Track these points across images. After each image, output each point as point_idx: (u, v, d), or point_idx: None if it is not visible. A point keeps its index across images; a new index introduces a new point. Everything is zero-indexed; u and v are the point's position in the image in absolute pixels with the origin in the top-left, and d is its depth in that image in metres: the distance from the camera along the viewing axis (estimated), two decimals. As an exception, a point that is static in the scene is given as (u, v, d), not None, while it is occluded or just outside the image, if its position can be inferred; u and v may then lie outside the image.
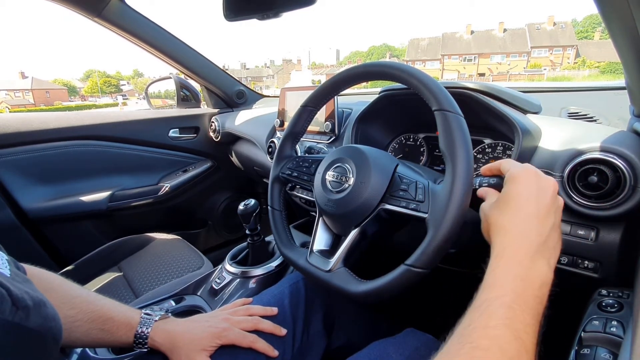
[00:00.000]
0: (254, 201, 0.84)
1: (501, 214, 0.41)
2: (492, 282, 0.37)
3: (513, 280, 0.36)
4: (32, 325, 0.33)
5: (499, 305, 0.34)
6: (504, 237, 0.40)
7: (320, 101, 0.67)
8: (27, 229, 1.19)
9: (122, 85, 77.41)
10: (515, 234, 0.39)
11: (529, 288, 0.36)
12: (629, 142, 0.53)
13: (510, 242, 0.39)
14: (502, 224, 0.41)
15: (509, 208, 0.41)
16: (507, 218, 0.41)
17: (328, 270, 0.55)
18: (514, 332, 0.32)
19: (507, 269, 0.37)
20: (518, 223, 0.40)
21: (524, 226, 0.40)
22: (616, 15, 0.40)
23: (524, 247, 0.38)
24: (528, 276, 0.36)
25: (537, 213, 0.40)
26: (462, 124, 0.46)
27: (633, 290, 0.47)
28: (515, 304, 0.34)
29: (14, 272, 0.37)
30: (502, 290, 0.35)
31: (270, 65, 76.76)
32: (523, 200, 0.41)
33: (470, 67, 47.72)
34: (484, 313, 0.34)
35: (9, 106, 43.64)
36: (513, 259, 0.38)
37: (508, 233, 0.40)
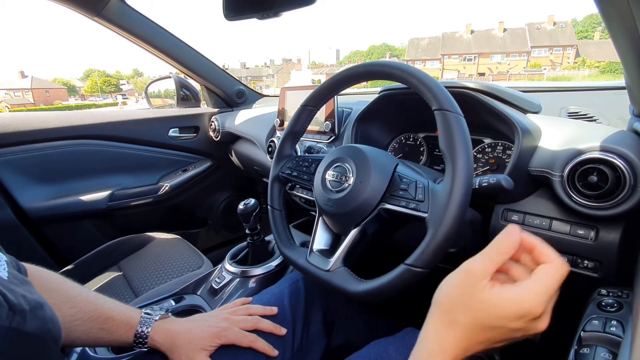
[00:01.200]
0: (253, 201, 0.84)
1: (477, 318, 0.33)
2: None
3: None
4: (29, 329, 0.33)
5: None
6: (452, 331, 0.34)
7: (320, 101, 0.67)
8: (27, 228, 1.19)
9: (122, 84, 77.37)
10: (467, 342, 0.34)
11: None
12: (628, 142, 0.53)
13: (452, 345, 0.34)
14: (468, 327, 0.33)
15: (492, 316, 0.33)
16: (477, 328, 0.33)
17: (328, 270, 0.55)
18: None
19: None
20: (481, 336, 0.34)
21: (482, 341, 0.34)
22: (616, 14, 0.40)
23: (462, 355, 0.34)
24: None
25: (506, 335, 0.34)
26: (462, 123, 0.46)
27: (633, 290, 0.47)
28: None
29: (12, 274, 0.37)
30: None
31: (270, 64, 76.73)
32: (510, 320, 0.32)
33: (470, 67, 47.70)
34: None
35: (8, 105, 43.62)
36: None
37: (462, 339, 0.34)
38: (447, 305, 0.35)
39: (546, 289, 0.32)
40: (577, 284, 0.61)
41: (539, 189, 0.62)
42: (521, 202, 0.63)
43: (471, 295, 0.33)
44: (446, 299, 0.35)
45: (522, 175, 0.60)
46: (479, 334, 0.33)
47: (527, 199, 0.63)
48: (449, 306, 0.35)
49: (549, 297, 0.33)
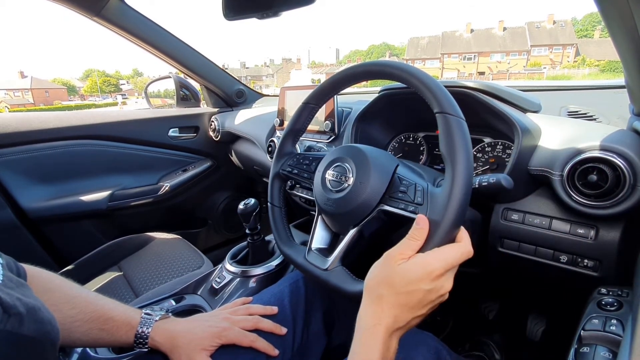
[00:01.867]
0: (253, 200, 0.84)
1: (393, 289, 0.39)
2: (356, 353, 0.39)
3: (380, 355, 0.38)
4: (26, 332, 0.33)
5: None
6: (381, 310, 0.39)
7: (321, 99, 0.67)
8: (27, 228, 1.19)
9: (122, 84, 77.30)
10: (395, 313, 0.39)
11: (391, 357, 0.39)
12: (628, 141, 0.53)
13: (382, 318, 0.39)
14: (390, 298, 0.40)
15: (405, 282, 0.39)
16: (396, 297, 0.39)
17: (325, 269, 0.55)
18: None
19: (376, 344, 0.38)
20: (404, 305, 0.39)
21: (407, 310, 0.40)
22: (616, 13, 0.40)
23: (393, 327, 0.39)
24: (390, 348, 0.39)
25: (422, 299, 0.40)
26: (463, 127, 0.46)
27: (632, 289, 0.47)
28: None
29: (7, 276, 0.37)
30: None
31: (270, 64, 76.65)
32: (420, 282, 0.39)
33: (470, 66, 47.67)
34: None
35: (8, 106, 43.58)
36: (379, 337, 0.39)
37: (390, 309, 0.39)
38: (373, 284, 0.41)
39: (444, 256, 0.40)
40: (577, 283, 0.61)
41: (539, 188, 0.62)
42: (521, 201, 0.63)
43: (389, 272, 0.40)
44: (372, 280, 0.42)
45: (522, 174, 0.60)
46: (402, 301, 0.39)
47: (527, 198, 0.63)
48: (374, 285, 0.41)
49: (447, 264, 0.40)
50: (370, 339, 0.39)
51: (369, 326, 0.39)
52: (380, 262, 0.42)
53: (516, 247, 0.64)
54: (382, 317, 0.39)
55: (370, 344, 0.38)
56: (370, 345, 0.38)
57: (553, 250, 0.60)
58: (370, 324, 0.40)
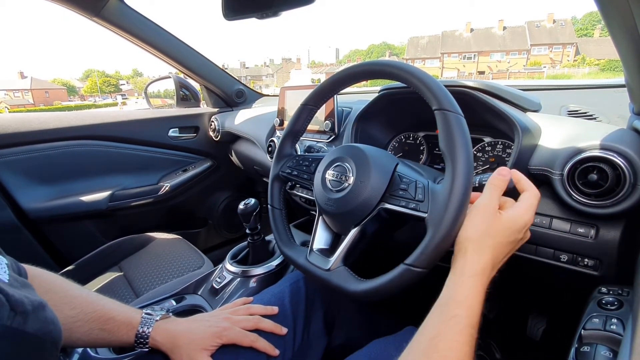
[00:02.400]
0: (254, 200, 0.84)
1: (501, 240, 0.44)
2: (464, 299, 0.40)
3: (480, 303, 0.40)
4: (30, 329, 0.33)
5: (467, 324, 0.38)
6: (488, 259, 0.42)
7: (320, 100, 0.67)
8: (28, 229, 1.19)
9: (122, 84, 77.27)
10: (494, 259, 0.43)
11: (482, 309, 0.41)
12: (628, 140, 0.53)
13: (487, 264, 0.42)
14: (497, 249, 0.43)
15: (509, 233, 0.44)
16: (503, 247, 0.44)
17: (328, 269, 0.55)
18: (472, 349, 0.38)
19: (479, 292, 0.41)
20: (502, 251, 0.44)
21: (503, 255, 0.44)
22: (616, 12, 0.40)
23: (492, 272, 0.43)
24: (483, 300, 0.42)
25: (514, 245, 0.46)
26: (463, 123, 0.46)
27: (633, 288, 0.47)
28: (477, 325, 0.39)
29: (12, 276, 0.37)
30: (472, 311, 0.39)
31: (270, 64, 76.62)
32: (518, 232, 0.45)
33: (470, 65, 47.64)
34: (454, 328, 0.38)
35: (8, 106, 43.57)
36: (484, 282, 0.42)
37: (494, 259, 0.43)
38: (477, 236, 0.43)
39: (530, 206, 0.46)
40: (578, 282, 0.61)
41: (539, 188, 0.62)
42: (521, 201, 0.63)
43: (492, 224, 0.44)
44: (475, 233, 0.43)
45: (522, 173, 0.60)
46: (502, 251, 0.44)
47: (527, 198, 0.63)
48: (478, 237, 0.43)
49: (533, 212, 0.46)
50: (476, 285, 0.41)
51: (474, 272, 0.42)
52: (476, 217, 0.44)
53: (516, 246, 0.64)
54: (486, 266, 0.42)
55: (475, 290, 0.41)
56: (475, 290, 0.41)
57: (553, 250, 0.60)
58: (476, 270, 0.42)
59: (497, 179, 0.46)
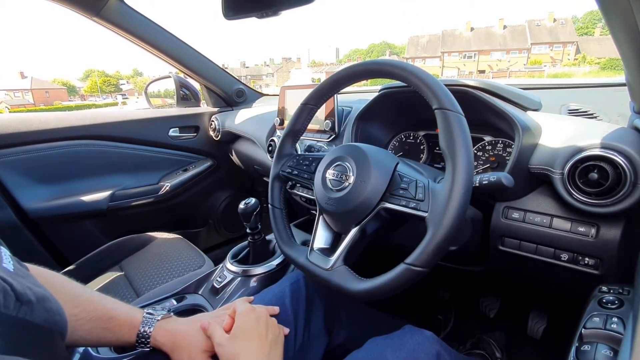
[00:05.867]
0: (254, 200, 0.84)
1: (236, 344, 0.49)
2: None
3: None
4: (37, 320, 0.33)
5: None
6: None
7: (321, 99, 0.67)
8: (28, 229, 1.19)
9: (122, 84, 77.24)
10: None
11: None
12: (629, 139, 0.52)
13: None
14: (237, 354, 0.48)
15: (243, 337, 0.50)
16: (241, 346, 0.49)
17: (328, 269, 0.55)
18: None
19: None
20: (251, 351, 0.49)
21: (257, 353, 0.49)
22: (616, 11, 0.40)
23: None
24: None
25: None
26: (463, 122, 0.46)
27: (633, 287, 0.47)
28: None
29: (17, 267, 0.37)
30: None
31: (270, 63, 76.53)
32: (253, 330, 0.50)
33: (470, 64, 47.57)
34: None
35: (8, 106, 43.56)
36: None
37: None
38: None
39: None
40: (578, 281, 0.61)
41: (539, 187, 0.62)
42: (522, 200, 0.63)
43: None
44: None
45: (522, 172, 0.60)
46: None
47: (527, 197, 0.63)
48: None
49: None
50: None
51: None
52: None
53: (517, 245, 0.64)
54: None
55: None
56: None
57: (554, 249, 0.60)
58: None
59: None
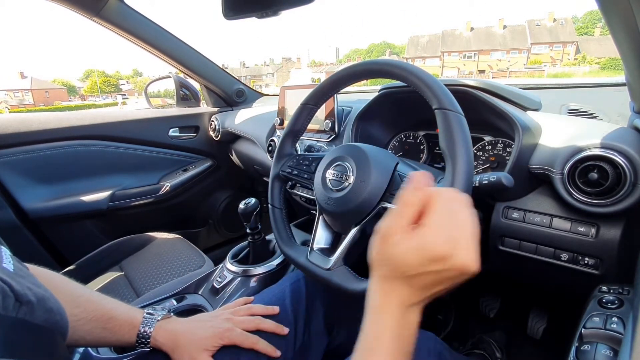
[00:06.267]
0: (254, 200, 0.84)
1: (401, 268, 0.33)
2: (368, 335, 0.36)
3: (389, 340, 0.34)
4: (37, 320, 0.33)
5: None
6: (383, 287, 0.35)
7: (321, 99, 0.67)
8: (28, 229, 1.19)
9: (122, 84, 77.26)
10: (399, 292, 0.34)
11: (406, 345, 0.35)
12: (629, 139, 0.52)
13: (386, 298, 0.35)
14: (389, 275, 0.34)
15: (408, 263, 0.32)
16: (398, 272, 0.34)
17: (328, 269, 0.55)
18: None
19: (380, 326, 0.35)
20: (411, 285, 0.33)
21: (416, 289, 0.34)
22: (616, 11, 0.40)
23: (400, 308, 0.34)
24: (407, 324, 0.35)
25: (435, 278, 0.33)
26: (463, 122, 0.46)
27: (633, 287, 0.47)
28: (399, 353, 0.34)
29: (17, 267, 0.37)
30: (381, 348, 0.34)
31: (270, 63, 76.54)
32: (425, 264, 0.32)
33: (470, 64, 47.58)
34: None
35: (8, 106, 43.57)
36: (386, 318, 0.34)
37: (391, 286, 0.34)
38: (376, 262, 0.36)
39: (442, 229, 0.31)
40: (578, 281, 0.61)
41: (539, 187, 0.62)
42: (522, 200, 0.63)
43: (384, 252, 0.34)
44: (375, 257, 0.36)
45: (522, 172, 0.60)
46: (407, 283, 0.33)
47: (527, 197, 0.63)
48: (375, 264, 0.36)
49: (451, 235, 0.31)
50: (380, 316, 0.35)
51: (377, 304, 0.35)
52: (374, 240, 0.36)
53: (517, 245, 0.64)
54: (391, 294, 0.34)
55: (381, 322, 0.35)
56: (380, 323, 0.35)
57: (554, 249, 0.60)
58: (378, 301, 0.35)
59: (407, 194, 0.34)
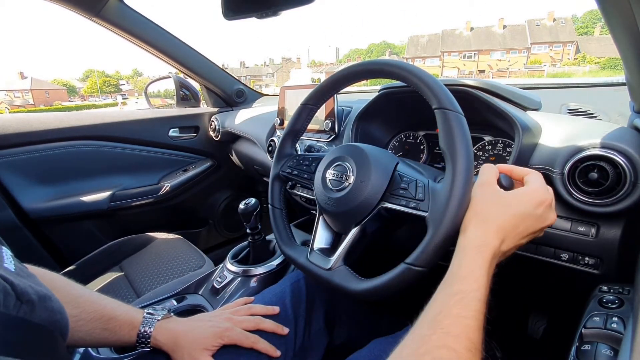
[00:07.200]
0: (254, 200, 0.84)
1: (505, 211, 0.42)
2: (468, 274, 0.39)
3: (486, 277, 0.39)
4: (37, 319, 0.33)
5: (472, 298, 0.37)
6: (490, 231, 0.41)
7: (320, 99, 0.67)
8: (29, 229, 1.19)
9: (122, 84, 77.27)
10: (503, 232, 0.41)
11: (489, 283, 0.40)
12: (629, 139, 0.53)
13: (490, 237, 0.41)
14: (499, 220, 0.42)
15: (516, 210, 0.42)
16: (508, 218, 0.42)
17: (328, 269, 0.55)
18: (479, 323, 0.36)
19: (483, 264, 0.39)
20: (515, 225, 0.42)
21: (518, 230, 0.42)
22: (616, 11, 0.40)
23: (501, 246, 0.41)
24: (490, 273, 0.40)
25: (534, 222, 0.43)
26: (463, 122, 0.46)
27: (633, 286, 0.47)
28: (484, 298, 0.38)
29: (18, 266, 0.37)
30: (476, 284, 0.38)
31: (270, 63, 76.53)
32: (534, 207, 0.43)
33: (470, 64, 47.57)
34: (459, 303, 0.37)
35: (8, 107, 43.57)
36: (487, 254, 0.40)
37: (498, 231, 0.41)
38: (476, 211, 0.43)
39: (542, 185, 0.45)
40: (578, 280, 0.61)
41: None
42: (522, 200, 0.63)
43: (493, 197, 0.43)
44: (474, 208, 0.43)
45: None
46: (512, 225, 0.42)
47: (527, 197, 0.63)
48: (477, 211, 0.43)
49: (546, 189, 0.44)
50: (478, 257, 0.39)
51: (476, 247, 0.40)
52: (478, 193, 0.44)
53: (517, 245, 0.64)
54: (490, 238, 0.40)
55: (478, 263, 0.39)
56: (478, 263, 0.39)
57: (554, 249, 0.60)
58: (477, 243, 0.40)
59: (489, 166, 0.47)
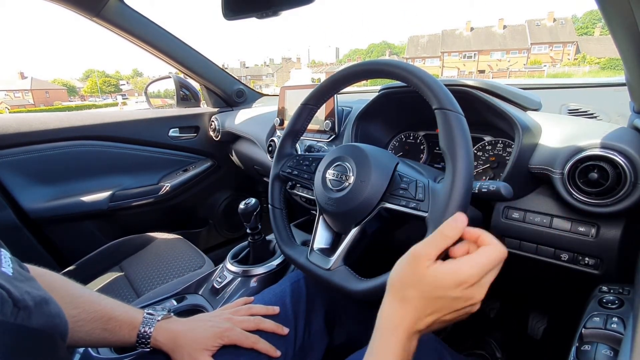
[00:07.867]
0: (254, 200, 0.84)
1: (420, 291, 0.36)
2: (379, 353, 0.37)
3: (399, 356, 0.37)
4: (35, 325, 0.33)
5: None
6: (403, 311, 0.37)
7: (320, 99, 0.67)
8: (29, 229, 1.19)
9: (122, 84, 77.27)
10: (416, 314, 0.37)
11: (409, 356, 0.38)
12: (629, 139, 0.53)
13: (406, 321, 0.37)
14: (415, 301, 0.37)
15: (432, 288, 0.36)
16: (419, 300, 0.37)
17: (328, 269, 0.55)
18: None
19: (396, 343, 0.37)
20: (427, 308, 0.37)
21: (430, 313, 0.37)
22: (616, 11, 0.40)
23: (414, 328, 0.37)
24: (410, 348, 0.38)
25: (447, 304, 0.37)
26: (463, 122, 0.46)
27: (633, 287, 0.47)
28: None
29: (16, 270, 0.37)
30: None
31: (270, 63, 76.55)
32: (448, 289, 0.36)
33: (470, 64, 47.58)
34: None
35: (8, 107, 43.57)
36: (403, 337, 0.37)
37: (412, 311, 0.37)
38: (398, 284, 0.39)
39: (481, 263, 0.36)
40: (578, 281, 0.61)
41: (539, 187, 0.62)
42: (522, 200, 0.63)
43: (417, 274, 0.37)
44: (397, 280, 0.39)
45: (522, 172, 0.60)
46: (426, 305, 0.37)
47: (527, 197, 0.63)
48: (399, 285, 0.38)
49: (484, 271, 0.35)
50: (390, 340, 0.37)
51: (389, 327, 0.38)
52: (405, 261, 0.39)
53: (517, 245, 0.64)
54: (404, 318, 0.37)
55: (389, 346, 0.37)
56: (389, 346, 0.37)
57: (554, 249, 0.60)
58: (391, 325, 0.38)
59: (449, 228, 0.37)
